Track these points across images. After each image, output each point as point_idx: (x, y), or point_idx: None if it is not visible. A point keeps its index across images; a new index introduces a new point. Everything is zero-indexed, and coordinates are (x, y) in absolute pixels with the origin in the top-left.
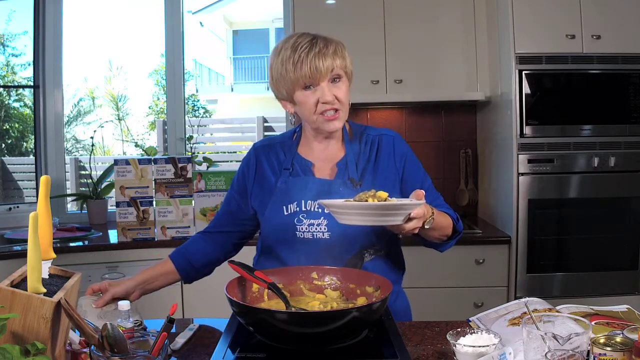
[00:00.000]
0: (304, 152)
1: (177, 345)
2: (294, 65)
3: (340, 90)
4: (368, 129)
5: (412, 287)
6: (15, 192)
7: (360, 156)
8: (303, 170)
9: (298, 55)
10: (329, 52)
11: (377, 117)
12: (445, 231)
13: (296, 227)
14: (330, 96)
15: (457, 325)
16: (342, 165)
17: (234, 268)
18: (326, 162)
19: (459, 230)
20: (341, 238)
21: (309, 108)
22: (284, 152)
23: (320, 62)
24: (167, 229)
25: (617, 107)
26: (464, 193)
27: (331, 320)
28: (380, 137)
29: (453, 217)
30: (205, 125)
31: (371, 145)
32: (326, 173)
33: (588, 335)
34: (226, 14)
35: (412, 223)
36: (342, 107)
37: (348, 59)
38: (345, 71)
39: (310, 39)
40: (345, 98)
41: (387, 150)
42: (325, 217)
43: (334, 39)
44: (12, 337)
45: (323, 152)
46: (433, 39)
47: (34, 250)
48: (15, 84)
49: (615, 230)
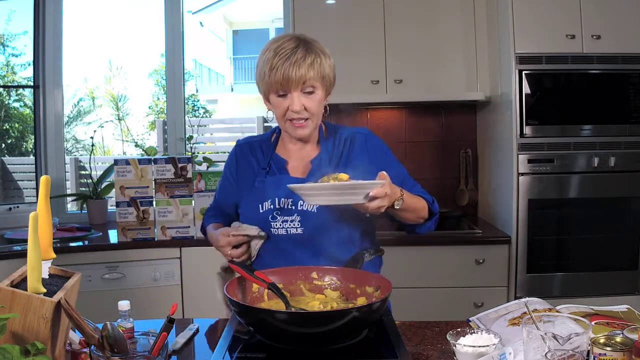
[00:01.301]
0: (281, 152)
1: (177, 345)
2: (270, 71)
3: (311, 101)
4: (342, 128)
5: (412, 287)
6: (15, 192)
7: (334, 153)
8: (278, 168)
9: (276, 60)
10: (306, 62)
11: (377, 117)
12: (420, 213)
13: (271, 224)
14: (299, 106)
15: (457, 325)
16: (316, 162)
17: (234, 268)
18: (300, 161)
19: (434, 212)
20: (314, 232)
21: (279, 113)
22: (263, 152)
23: (294, 72)
24: (167, 229)
25: (617, 107)
26: (464, 193)
27: (331, 320)
28: (353, 135)
29: (428, 199)
30: (205, 125)
31: (344, 143)
32: (300, 171)
33: (588, 335)
34: (226, 14)
35: (375, 202)
36: (311, 116)
37: (328, 68)
38: (322, 82)
39: (293, 46)
40: (316, 108)
41: (360, 146)
42: (298, 214)
43: (317, 48)
44: (12, 337)
45: (298, 151)
46: (433, 39)
47: (34, 250)
48: (15, 84)
49: (615, 230)
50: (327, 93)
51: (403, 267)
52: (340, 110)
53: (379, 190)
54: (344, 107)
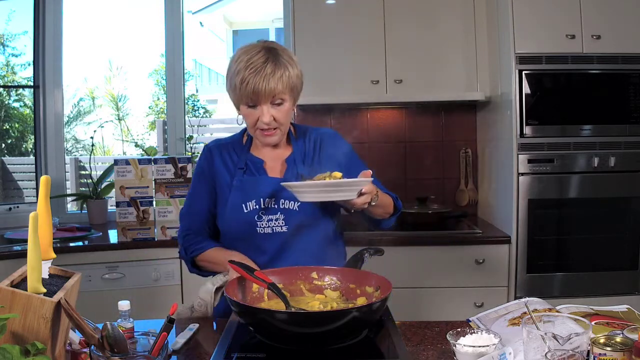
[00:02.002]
0: (255, 152)
1: (177, 345)
2: (241, 84)
3: (280, 112)
4: (310, 129)
5: (412, 287)
6: (15, 192)
7: (306, 153)
8: (256, 168)
9: (247, 74)
10: (275, 76)
11: (377, 117)
12: (387, 209)
13: (257, 223)
14: (269, 118)
15: (457, 325)
16: (290, 161)
17: (234, 268)
18: (276, 160)
19: (398, 207)
20: (298, 229)
21: (250, 122)
22: (236, 152)
23: (264, 86)
24: (167, 229)
25: (617, 107)
26: (464, 193)
27: (331, 320)
28: (321, 135)
29: (393, 196)
30: (205, 125)
31: (314, 143)
32: (277, 170)
33: (588, 335)
34: (226, 14)
35: (362, 198)
36: (280, 126)
37: (296, 78)
38: (291, 93)
39: (263, 60)
40: (284, 118)
41: (328, 146)
42: (281, 213)
43: (285, 59)
44: (12, 337)
45: (272, 152)
46: (433, 39)
47: (34, 250)
48: (15, 84)
49: (615, 230)
50: (295, 101)
51: (403, 267)
52: (340, 111)
53: (369, 187)
54: (344, 107)
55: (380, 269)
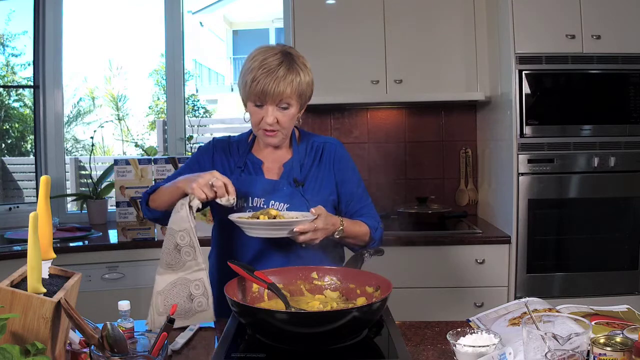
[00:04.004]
0: (256, 152)
1: (177, 346)
2: (252, 82)
3: (285, 116)
4: (314, 136)
5: (412, 287)
6: (15, 192)
7: (305, 159)
8: (254, 168)
9: (259, 73)
10: (286, 80)
11: (377, 117)
12: (360, 239)
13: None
14: (272, 120)
15: (457, 325)
16: (288, 166)
17: (234, 268)
18: (275, 163)
19: (374, 238)
20: None
21: (254, 121)
22: (239, 151)
23: (273, 88)
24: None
25: (617, 107)
26: (464, 193)
27: (331, 320)
28: (324, 144)
29: (372, 225)
30: (205, 125)
31: (315, 151)
32: (274, 173)
33: (588, 335)
34: (226, 14)
35: (305, 236)
36: (282, 129)
37: (306, 85)
38: (298, 99)
39: (278, 63)
40: (288, 123)
41: (329, 156)
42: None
43: (299, 65)
44: (12, 337)
45: (272, 154)
46: (433, 39)
47: (34, 250)
48: (15, 84)
49: (615, 230)
50: (301, 108)
51: (403, 267)
52: (340, 110)
53: (304, 227)
54: (345, 107)
55: (380, 269)
